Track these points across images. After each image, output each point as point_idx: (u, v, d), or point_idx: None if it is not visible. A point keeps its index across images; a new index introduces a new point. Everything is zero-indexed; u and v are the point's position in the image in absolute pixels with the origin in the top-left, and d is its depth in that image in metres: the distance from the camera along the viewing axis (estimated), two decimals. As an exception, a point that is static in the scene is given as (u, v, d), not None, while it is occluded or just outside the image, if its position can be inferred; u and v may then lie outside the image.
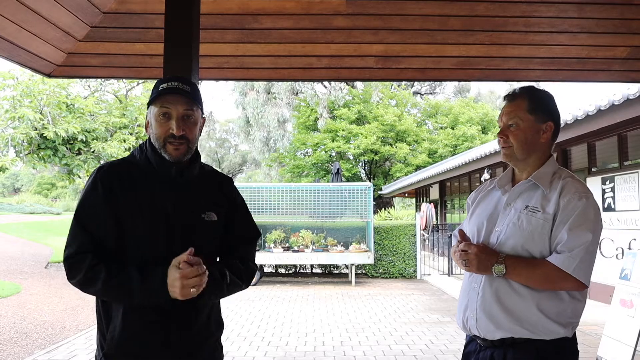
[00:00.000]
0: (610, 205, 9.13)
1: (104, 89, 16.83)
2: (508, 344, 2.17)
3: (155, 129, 2.05)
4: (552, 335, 2.13)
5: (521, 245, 2.17)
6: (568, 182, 2.21)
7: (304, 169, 31.41)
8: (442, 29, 4.08)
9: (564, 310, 2.14)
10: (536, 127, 2.26)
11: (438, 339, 7.44)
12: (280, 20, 3.99)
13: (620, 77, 4.90)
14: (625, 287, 5.52)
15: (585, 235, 2.08)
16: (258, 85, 34.85)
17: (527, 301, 2.14)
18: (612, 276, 7.62)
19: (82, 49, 4.27)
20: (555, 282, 2.10)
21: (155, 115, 2.05)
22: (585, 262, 2.07)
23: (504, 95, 2.37)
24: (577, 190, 2.17)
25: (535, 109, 2.26)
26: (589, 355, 5.97)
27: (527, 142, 2.26)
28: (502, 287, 2.18)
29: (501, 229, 2.25)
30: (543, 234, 2.15)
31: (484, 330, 2.22)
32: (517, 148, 2.27)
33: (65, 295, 10.97)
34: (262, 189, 14.43)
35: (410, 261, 14.69)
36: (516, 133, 2.27)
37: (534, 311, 2.13)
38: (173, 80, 2.06)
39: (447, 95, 40.77)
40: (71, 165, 14.16)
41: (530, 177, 2.27)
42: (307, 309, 9.90)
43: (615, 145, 9.07)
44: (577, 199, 2.14)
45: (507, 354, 2.17)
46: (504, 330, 2.16)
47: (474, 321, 2.25)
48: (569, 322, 2.16)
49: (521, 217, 2.20)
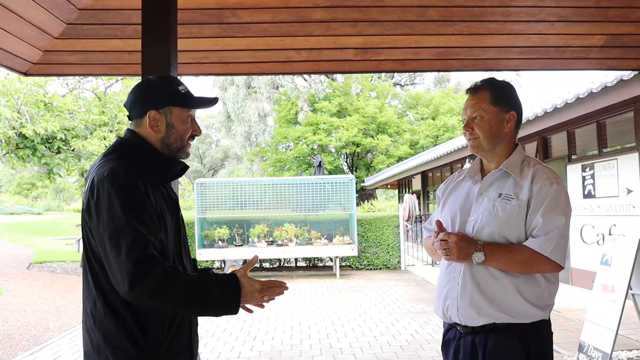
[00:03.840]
0: (590, 192, 9.23)
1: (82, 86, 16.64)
2: (489, 329, 2.23)
3: (180, 130, 2.09)
4: (531, 318, 2.20)
5: (498, 232, 2.24)
6: (538, 169, 2.29)
7: (286, 162, 31.36)
8: (420, 20, 4.08)
9: (542, 294, 2.23)
10: (500, 118, 2.33)
11: (423, 328, 7.49)
12: (258, 14, 3.97)
13: (597, 65, 4.95)
14: (606, 273, 5.59)
15: (559, 219, 2.18)
16: (238, 80, 34.68)
17: (507, 287, 2.20)
18: (594, 262, 7.71)
19: (58, 46, 4.22)
20: (533, 266, 2.18)
21: (183, 117, 2.09)
22: (561, 245, 2.17)
23: (466, 89, 2.42)
24: (548, 177, 2.25)
25: (497, 100, 2.33)
26: (573, 341, 6.04)
27: (492, 132, 2.33)
28: (481, 275, 2.24)
29: (476, 218, 2.31)
30: (518, 220, 2.22)
31: (466, 318, 2.26)
32: (483, 139, 2.34)
33: (48, 296, 10.88)
34: (244, 184, 14.38)
35: (394, 252, 14.74)
36: (481, 125, 2.33)
37: (514, 296, 2.20)
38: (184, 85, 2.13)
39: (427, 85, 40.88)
40: (51, 165, 14.00)
41: (501, 166, 2.34)
42: (292, 302, 9.91)
43: (594, 132, 9.16)
44: (548, 185, 2.23)
45: (489, 339, 2.23)
46: (485, 316, 2.22)
47: (454, 310, 2.30)
48: (546, 305, 2.24)
49: (496, 205, 2.27)
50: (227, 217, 13.93)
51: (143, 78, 3.07)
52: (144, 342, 1.89)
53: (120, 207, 1.81)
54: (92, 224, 1.87)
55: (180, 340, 2.00)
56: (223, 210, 13.86)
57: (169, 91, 2.08)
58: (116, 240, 1.79)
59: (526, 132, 9.99)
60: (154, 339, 1.91)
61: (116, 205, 1.81)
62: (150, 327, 1.90)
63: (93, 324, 1.92)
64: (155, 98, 2.06)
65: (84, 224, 1.94)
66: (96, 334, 1.90)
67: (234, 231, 13.70)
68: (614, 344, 5.15)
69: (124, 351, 1.87)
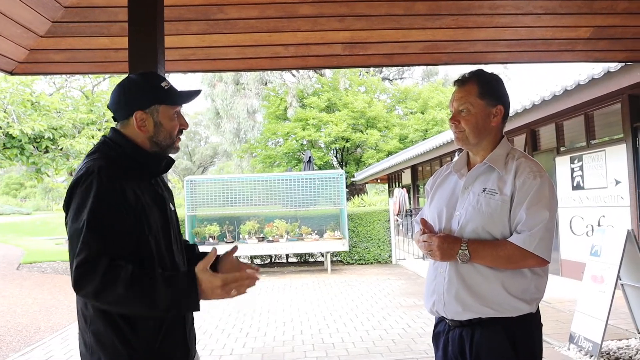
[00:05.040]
0: (579, 183, 9.28)
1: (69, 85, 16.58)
2: (475, 323, 2.24)
3: (168, 127, 2.09)
4: (517, 312, 2.20)
5: (482, 227, 2.23)
6: (522, 162, 2.27)
7: (276, 158, 31.32)
8: (408, 14, 4.08)
9: (528, 288, 2.22)
10: (487, 112, 2.32)
11: (415, 322, 7.51)
12: (245, 10, 3.95)
13: (584, 57, 4.97)
14: (596, 264, 5.62)
15: (542, 213, 2.16)
16: (226, 77, 34.59)
17: (492, 282, 2.20)
18: (583, 253, 7.76)
19: (44, 45, 4.19)
20: (518, 261, 2.17)
21: (170, 114, 2.09)
22: (545, 239, 2.15)
23: (453, 81, 2.40)
24: (531, 170, 2.23)
25: (485, 94, 2.31)
26: (563, 332, 6.08)
27: (478, 126, 2.31)
28: (467, 270, 2.24)
29: (461, 213, 2.30)
30: (502, 215, 2.21)
31: (452, 312, 2.28)
32: (469, 133, 2.32)
33: (38, 296, 10.82)
34: (234, 181, 14.35)
35: (385, 246, 14.77)
36: (468, 118, 2.31)
37: (499, 291, 2.20)
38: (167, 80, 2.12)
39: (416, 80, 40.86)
40: (39, 164, 13.93)
41: (485, 160, 2.32)
42: (284, 298, 9.91)
43: (582, 124, 9.21)
44: (531, 179, 2.20)
45: (475, 333, 2.24)
46: (471, 311, 2.23)
47: (441, 305, 2.31)
48: (533, 299, 2.23)
49: (480, 199, 2.26)
50: (217, 214, 13.91)
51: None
52: (135, 341, 1.88)
53: (85, 209, 1.81)
54: (66, 220, 1.89)
55: (174, 337, 1.99)
56: (213, 207, 13.84)
57: (154, 89, 2.06)
58: (74, 241, 1.80)
59: (515, 124, 10.02)
60: (145, 337, 1.90)
61: (82, 207, 1.82)
62: (140, 326, 1.89)
63: (84, 324, 1.92)
64: (140, 98, 2.04)
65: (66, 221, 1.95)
66: (88, 334, 1.90)
67: (224, 228, 13.68)
68: (604, 334, 5.19)
69: (115, 350, 1.87)
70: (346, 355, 6.06)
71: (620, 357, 5.24)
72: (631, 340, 5.75)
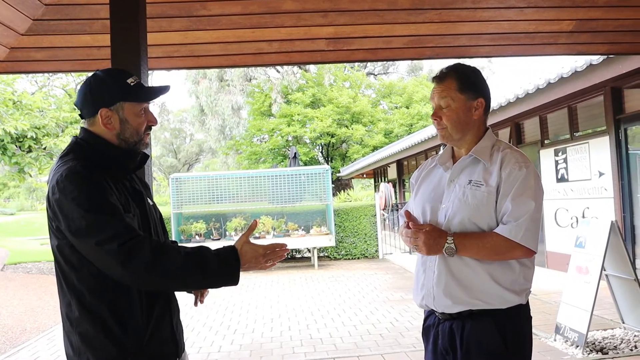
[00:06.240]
0: (563, 176, 9.34)
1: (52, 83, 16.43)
2: (466, 315, 2.23)
3: (134, 124, 2.05)
4: (507, 304, 2.20)
5: (468, 219, 2.22)
6: (507, 153, 2.26)
7: (261, 155, 31.27)
8: (391, 9, 4.08)
9: (517, 279, 2.21)
10: (468, 105, 2.29)
11: (402, 316, 7.54)
12: (228, 6, 3.93)
13: (567, 50, 5.00)
14: (581, 255, 5.67)
15: (528, 204, 2.15)
16: (210, 73, 34.42)
17: (481, 274, 2.20)
18: (568, 245, 7.82)
19: (25, 43, 4.15)
20: (505, 252, 2.16)
21: (136, 111, 2.05)
22: (531, 230, 2.14)
23: (432, 77, 2.38)
24: (517, 161, 2.22)
25: (464, 88, 2.29)
26: (549, 323, 6.13)
27: (460, 121, 2.29)
28: (455, 264, 2.23)
29: (447, 206, 2.29)
30: (489, 207, 2.20)
31: (442, 306, 2.27)
32: (451, 128, 2.31)
33: (24, 297, 10.74)
34: (220, 178, 14.31)
35: (371, 241, 14.80)
36: (449, 114, 2.29)
37: (488, 283, 2.19)
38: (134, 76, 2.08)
39: (401, 74, 40.91)
40: (22, 164, 13.79)
41: (470, 152, 2.31)
42: (272, 294, 9.91)
43: (566, 117, 9.27)
44: (517, 170, 2.19)
45: (466, 325, 2.23)
46: (461, 304, 2.22)
47: (431, 298, 2.30)
48: (522, 290, 2.23)
49: (466, 191, 2.25)
50: (203, 212, 13.88)
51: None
52: (124, 338, 1.87)
53: (87, 204, 1.80)
54: (61, 225, 1.84)
55: (162, 330, 2.00)
56: (199, 204, 13.81)
57: (118, 86, 2.02)
58: (96, 235, 1.78)
59: (499, 118, 10.07)
60: (134, 333, 1.89)
61: (83, 203, 1.79)
62: (129, 322, 1.89)
63: (70, 326, 1.90)
64: (105, 95, 2.01)
65: (50, 228, 1.91)
66: (75, 336, 1.89)
67: (210, 225, 13.65)
68: (589, 324, 5.23)
69: (105, 350, 1.86)
70: (334, 350, 6.07)
71: (606, 347, 5.29)
72: (616, 330, 5.81)
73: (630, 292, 5.59)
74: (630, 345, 5.27)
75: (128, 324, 1.88)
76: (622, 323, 5.82)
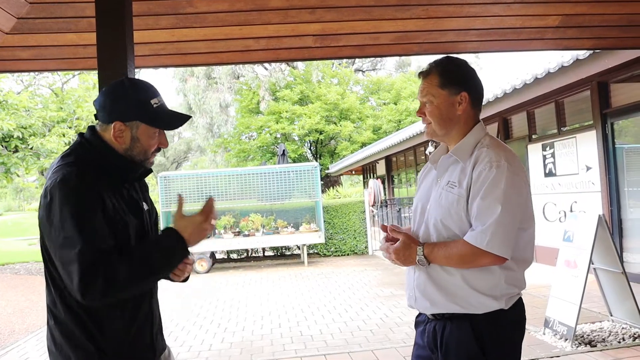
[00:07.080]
0: (551, 170, 9.39)
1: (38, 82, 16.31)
2: (446, 317, 2.20)
3: (145, 144, 2.02)
4: (484, 309, 2.12)
5: (440, 221, 2.17)
6: (483, 151, 2.15)
7: (250, 152, 31.20)
8: (378, 5, 4.07)
9: (497, 283, 2.12)
10: (450, 101, 2.22)
11: (392, 312, 7.55)
12: (215, 4, 3.91)
13: (553, 45, 5.02)
14: (569, 249, 5.70)
15: (494, 208, 2.03)
16: (198, 71, 34.30)
17: (457, 278, 2.14)
18: (556, 239, 7.86)
19: (10, 42, 4.11)
20: (472, 261, 2.07)
21: (150, 133, 2.02)
22: (499, 235, 2.01)
23: (417, 73, 2.33)
24: (489, 160, 2.10)
25: (446, 83, 2.22)
26: (539, 317, 6.16)
27: (443, 117, 2.23)
28: (433, 267, 2.19)
29: (430, 206, 2.26)
30: (459, 210, 2.12)
31: (422, 307, 2.27)
32: (435, 125, 2.25)
33: (12, 298, 10.68)
34: (208, 176, 14.30)
35: (361, 238, 14.83)
36: (431, 110, 2.24)
37: (464, 287, 2.12)
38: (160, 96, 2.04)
39: (389, 70, 40.92)
40: (8, 164, 13.68)
41: (450, 152, 2.25)
42: (262, 292, 9.91)
43: (553, 112, 9.31)
44: (487, 169, 2.08)
45: (446, 327, 2.20)
46: (438, 307, 2.19)
47: (413, 300, 2.31)
48: (504, 294, 2.13)
49: (442, 193, 2.20)
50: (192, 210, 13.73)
51: (100, 72, 3.01)
52: (102, 342, 1.88)
53: (70, 217, 1.77)
54: (45, 230, 1.83)
55: (142, 337, 2.02)
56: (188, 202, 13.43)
57: (140, 105, 1.97)
58: (67, 250, 1.76)
59: (487, 113, 10.10)
60: (112, 338, 1.90)
61: (66, 215, 1.77)
62: (108, 327, 1.90)
63: (54, 322, 1.91)
64: (123, 109, 1.96)
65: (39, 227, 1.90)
66: (57, 332, 1.90)
67: (199, 223, 13.59)
68: (578, 318, 5.27)
69: (85, 350, 1.87)
70: (325, 346, 6.08)
71: (594, 340, 5.32)
72: (604, 322, 5.85)
73: (617, 285, 5.64)
74: (618, 338, 5.31)
75: (106, 329, 1.89)
76: (610, 316, 5.86)
